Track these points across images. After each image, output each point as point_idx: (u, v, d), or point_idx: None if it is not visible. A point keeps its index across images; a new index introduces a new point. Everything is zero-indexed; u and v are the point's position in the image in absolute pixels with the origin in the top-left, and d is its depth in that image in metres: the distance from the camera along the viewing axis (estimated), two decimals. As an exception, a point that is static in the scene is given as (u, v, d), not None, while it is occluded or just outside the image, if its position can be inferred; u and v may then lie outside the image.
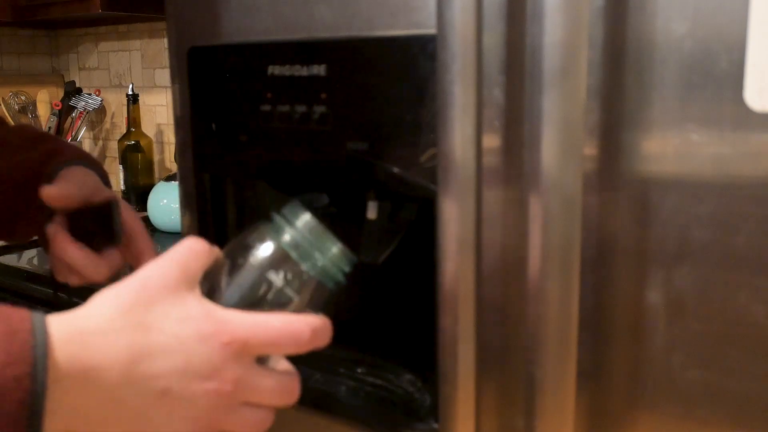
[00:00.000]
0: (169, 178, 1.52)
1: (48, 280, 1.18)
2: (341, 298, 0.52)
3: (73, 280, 0.62)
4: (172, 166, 1.79)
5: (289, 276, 0.45)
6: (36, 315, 0.39)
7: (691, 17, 0.43)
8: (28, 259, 1.33)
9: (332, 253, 0.46)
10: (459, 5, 0.46)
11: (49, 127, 1.81)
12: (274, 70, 0.60)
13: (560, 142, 0.44)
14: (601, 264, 0.48)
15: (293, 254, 0.46)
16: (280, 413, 0.56)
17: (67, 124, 1.83)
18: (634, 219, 0.47)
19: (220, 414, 0.42)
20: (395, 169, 0.55)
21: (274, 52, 0.60)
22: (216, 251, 0.47)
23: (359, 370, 0.67)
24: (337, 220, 0.72)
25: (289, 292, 0.45)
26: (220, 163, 0.67)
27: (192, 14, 0.66)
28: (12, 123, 1.80)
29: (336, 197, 0.64)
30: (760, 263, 0.43)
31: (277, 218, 0.47)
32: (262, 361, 0.44)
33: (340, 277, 0.47)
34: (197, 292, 0.44)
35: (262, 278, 0.45)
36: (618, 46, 0.45)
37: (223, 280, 0.46)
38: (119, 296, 0.42)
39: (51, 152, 0.67)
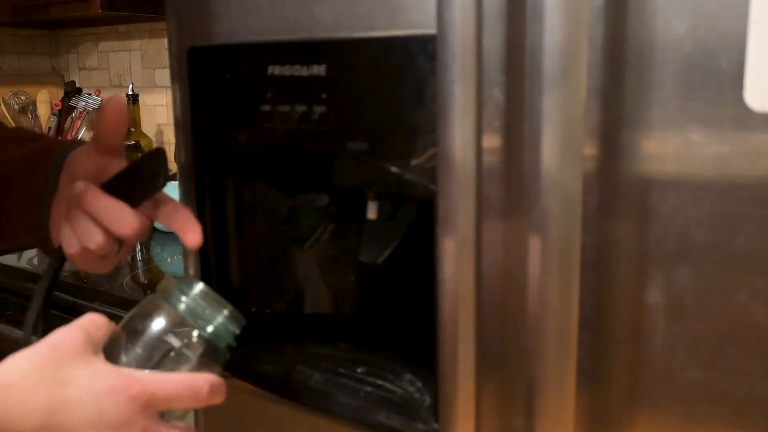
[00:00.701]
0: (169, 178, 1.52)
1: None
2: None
3: (96, 266, 0.58)
4: (172, 166, 1.79)
5: (185, 339, 0.51)
6: None
7: (691, 17, 0.43)
8: (28, 259, 1.34)
9: (224, 316, 0.52)
10: (459, 5, 0.46)
11: (49, 127, 1.81)
12: (274, 70, 0.60)
13: (560, 142, 0.44)
14: (601, 264, 0.48)
15: (188, 318, 0.51)
16: (281, 413, 0.56)
17: (67, 124, 1.83)
18: (634, 219, 0.47)
19: None
20: (395, 169, 0.54)
21: (274, 52, 0.60)
22: (113, 325, 0.51)
23: (359, 370, 0.67)
24: (337, 220, 0.72)
25: (186, 352, 0.51)
26: (220, 163, 0.67)
27: (192, 14, 0.66)
28: (12, 123, 1.80)
29: (336, 197, 0.64)
30: (760, 263, 0.43)
31: (173, 288, 0.53)
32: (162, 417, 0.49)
33: (231, 340, 0.53)
34: (102, 356, 0.48)
35: (161, 341, 0.50)
36: (618, 46, 0.45)
37: (124, 349, 0.50)
38: (31, 356, 0.45)
39: (45, 147, 0.63)
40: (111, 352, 0.49)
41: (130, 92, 1.69)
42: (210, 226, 0.69)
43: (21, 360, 0.45)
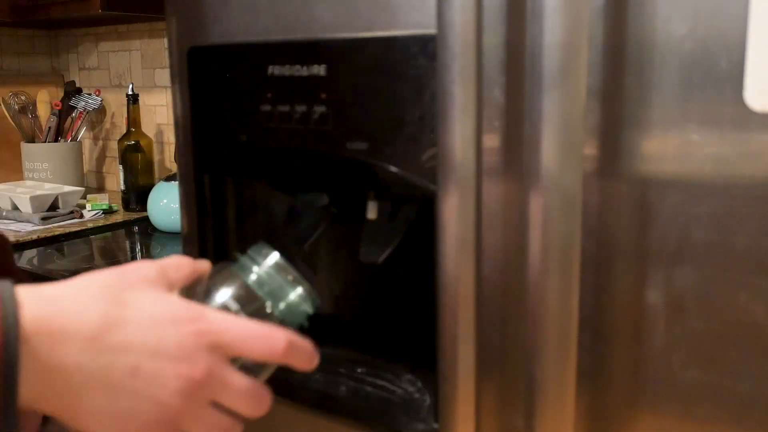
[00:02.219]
0: (169, 178, 1.52)
1: (48, 280, 1.18)
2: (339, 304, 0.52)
3: None
4: (172, 166, 1.79)
5: (254, 313, 0.45)
6: (4, 283, 0.39)
7: (691, 17, 0.43)
8: (28, 259, 1.33)
9: (297, 294, 0.47)
10: (459, 5, 0.46)
11: (49, 127, 1.81)
12: (274, 70, 0.60)
13: (560, 142, 0.44)
14: (601, 264, 0.48)
15: (259, 292, 0.46)
16: (281, 413, 0.55)
17: (67, 124, 1.83)
18: (634, 219, 0.47)
19: (188, 406, 0.41)
20: (395, 169, 0.54)
21: (274, 52, 0.60)
22: (197, 273, 0.47)
23: (359, 370, 0.67)
24: (337, 220, 0.72)
25: None
26: (220, 163, 0.67)
27: (192, 14, 0.66)
28: (12, 123, 1.80)
29: (336, 197, 0.64)
30: (760, 263, 0.43)
31: (246, 257, 0.48)
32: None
33: (303, 320, 0.48)
34: (174, 292, 0.44)
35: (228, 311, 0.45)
36: (618, 46, 0.45)
37: (201, 299, 0.46)
38: (97, 276, 0.42)
39: None
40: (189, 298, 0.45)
41: (130, 92, 1.69)
42: (210, 226, 0.69)
43: (87, 277, 0.42)
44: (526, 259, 0.47)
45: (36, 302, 0.39)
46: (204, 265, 0.47)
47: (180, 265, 0.45)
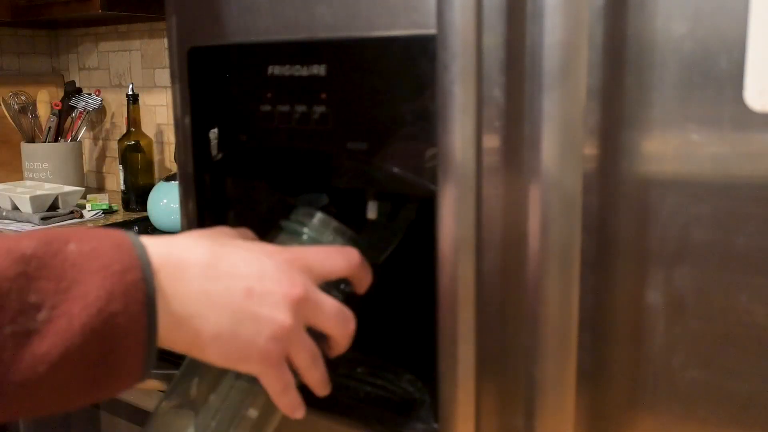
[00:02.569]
0: (169, 178, 1.52)
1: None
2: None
3: None
4: (172, 166, 1.79)
5: None
6: (128, 232, 0.44)
7: (691, 17, 0.43)
8: (28, 259, 1.33)
9: (347, 239, 0.54)
10: (459, 5, 0.46)
11: (49, 127, 1.81)
12: (274, 70, 0.60)
13: (560, 142, 0.44)
14: (601, 264, 0.48)
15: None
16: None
17: (67, 124, 1.83)
18: (634, 219, 0.47)
19: (295, 324, 0.46)
20: (395, 169, 0.54)
21: (274, 52, 0.60)
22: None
23: (359, 370, 0.67)
24: (337, 220, 0.72)
25: None
26: (220, 163, 0.67)
27: (192, 14, 0.66)
28: (12, 123, 1.80)
29: (336, 197, 0.64)
30: (760, 263, 0.43)
31: (290, 222, 0.55)
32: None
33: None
34: None
35: None
36: (618, 46, 0.45)
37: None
38: (193, 231, 0.50)
39: None
40: None
41: (130, 92, 1.69)
42: (210, 226, 0.69)
43: (185, 232, 0.49)
44: (526, 259, 0.47)
45: (154, 244, 0.44)
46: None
47: (246, 232, 0.54)
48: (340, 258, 0.51)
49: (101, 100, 1.85)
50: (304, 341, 0.47)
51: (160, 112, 1.82)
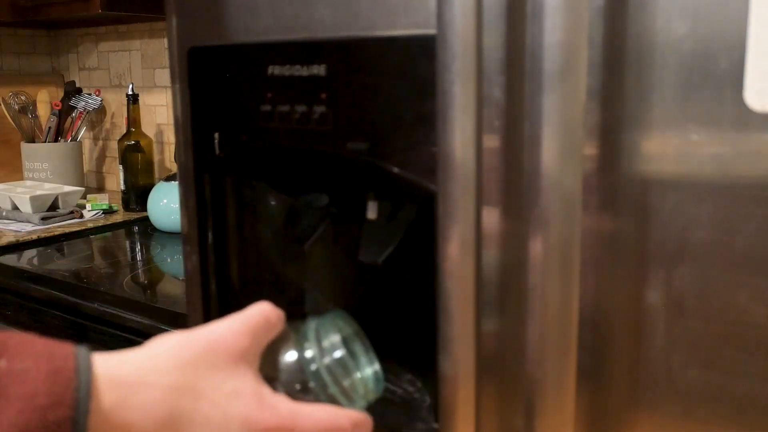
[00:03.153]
0: (169, 178, 1.52)
1: (48, 280, 1.18)
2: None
3: None
4: (172, 166, 1.79)
5: (320, 393, 0.47)
6: (81, 352, 0.37)
7: (691, 17, 0.43)
8: (28, 259, 1.33)
9: (365, 377, 0.50)
10: (459, 5, 0.46)
11: (49, 127, 1.81)
12: (274, 70, 0.60)
13: (560, 142, 0.44)
14: (601, 264, 0.48)
15: (326, 378, 0.48)
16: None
17: (67, 124, 1.83)
18: (634, 219, 0.47)
19: None
20: (395, 169, 0.54)
21: (274, 52, 0.60)
22: (281, 322, 0.47)
23: (359, 370, 0.67)
24: (337, 220, 0.72)
25: (322, 398, 0.47)
26: (220, 163, 0.67)
27: (192, 14, 0.66)
28: (12, 123, 1.80)
29: (336, 197, 0.64)
30: (760, 263, 0.43)
31: (310, 339, 0.49)
32: None
33: (369, 401, 0.51)
34: (255, 367, 0.43)
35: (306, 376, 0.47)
36: (618, 46, 0.45)
37: (278, 360, 0.47)
38: (183, 349, 0.40)
39: None
40: (268, 357, 0.46)
41: (130, 92, 1.69)
42: (210, 226, 0.69)
43: (169, 350, 0.40)
44: (526, 259, 0.47)
45: (109, 386, 0.36)
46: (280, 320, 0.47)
47: (270, 325, 0.45)
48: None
49: (101, 100, 1.85)
50: None
51: (160, 112, 1.82)
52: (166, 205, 1.48)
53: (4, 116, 1.82)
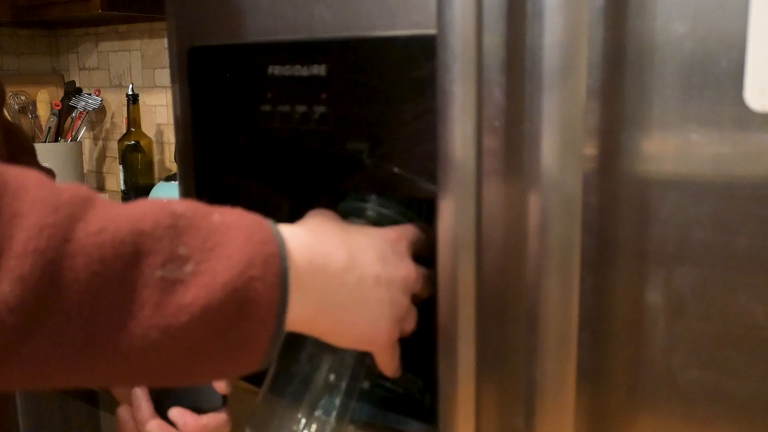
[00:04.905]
0: (169, 178, 1.52)
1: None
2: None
3: None
4: (172, 166, 1.79)
5: None
6: (269, 222, 0.45)
7: (691, 17, 0.43)
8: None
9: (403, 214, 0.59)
10: (459, 5, 0.46)
11: (49, 127, 1.81)
12: (274, 70, 0.60)
13: (560, 142, 0.44)
14: (601, 264, 0.48)
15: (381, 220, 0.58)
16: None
17: (67, 124, 1.83)
18: (634, 219, 0.47)
19: (408, 301, 0.51)
20: (395, 169, 0.55)
21: (274, 52, 0.60)
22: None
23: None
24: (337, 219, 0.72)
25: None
26: (220, 163, 0.67)
27: (192, 14, 0.66)
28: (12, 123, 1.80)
29: (336, 197, 0.64)
30: (760, 263, 0.43)
31: (351, 210, 0.59)
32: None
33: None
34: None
35: None
36: (618, 46, 0.45)
37: None
38: (314, 216, 0.54)
39: None
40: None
41: (130, 92, 1.69)
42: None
43: (314, 216, 0.53)
44: (526, 259, 0.47)
45: (291, 232, 0.45)
46: None
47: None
48: (425, 233, 0.55)
49: (101, 100, 1.85)
50: (413, 315, 0.53)
51: (160, 112, 1.82)
52: (166, 205, 1.48)
53: (3, 116, 1.82)
